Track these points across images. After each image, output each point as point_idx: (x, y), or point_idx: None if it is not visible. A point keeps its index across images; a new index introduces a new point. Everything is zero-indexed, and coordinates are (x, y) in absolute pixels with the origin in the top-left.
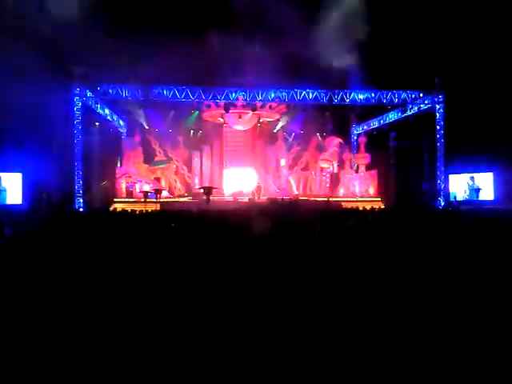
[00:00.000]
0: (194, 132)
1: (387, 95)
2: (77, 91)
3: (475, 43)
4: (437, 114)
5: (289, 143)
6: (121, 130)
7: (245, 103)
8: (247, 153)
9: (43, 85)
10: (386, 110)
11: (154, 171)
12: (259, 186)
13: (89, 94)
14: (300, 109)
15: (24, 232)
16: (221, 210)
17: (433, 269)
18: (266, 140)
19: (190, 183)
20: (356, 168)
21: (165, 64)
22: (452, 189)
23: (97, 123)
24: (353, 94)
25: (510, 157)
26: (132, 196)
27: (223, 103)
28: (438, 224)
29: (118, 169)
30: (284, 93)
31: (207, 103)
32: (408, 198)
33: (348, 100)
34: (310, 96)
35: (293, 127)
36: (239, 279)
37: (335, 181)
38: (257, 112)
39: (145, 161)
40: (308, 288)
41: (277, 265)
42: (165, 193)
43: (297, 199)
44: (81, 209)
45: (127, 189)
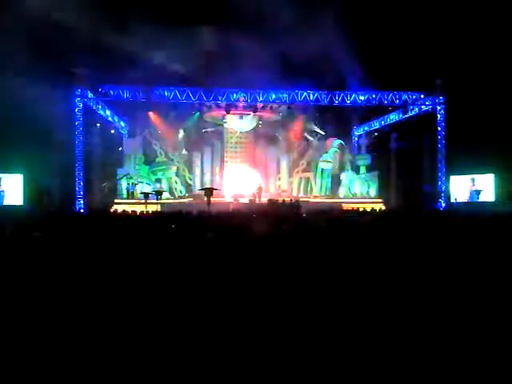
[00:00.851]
0: (195, 133)
1: (388, 96)
2: (78, 92)
3: (476, 44)
4: (438, 115)
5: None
6: (122, 131)
7: (246, 104)
8: (248, 154)
9: (44, 86)
10: (387, 111)
11: (155, 172)
12: (260, 188)
13: (90, 95)
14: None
15: (24, 233)
16: (221, 212)
17: (433, 270)
18: (267, 141)
19: (191, 184)
20: (357, 169)
21: (165, 64)
22: (453, 190)
23: (98, 124)
24: (354, 95)
25: (511, 158)
26: (133, 197)
27: (224, 104)
28: (439, 225)
29: (119, 170)
30: (285, 94)
31: (208, 104)
32: (409, 199)
33: (349, 101)
34: (311, 97)
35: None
36: (238, 280)
37: (336, 182)
38: (257, 113)
39: (146, 162)
40: (309, 289)
41: (276, 266)
42: (165, 194)
43: (297, 201)
44: (81, 210)
45: (128, 190)
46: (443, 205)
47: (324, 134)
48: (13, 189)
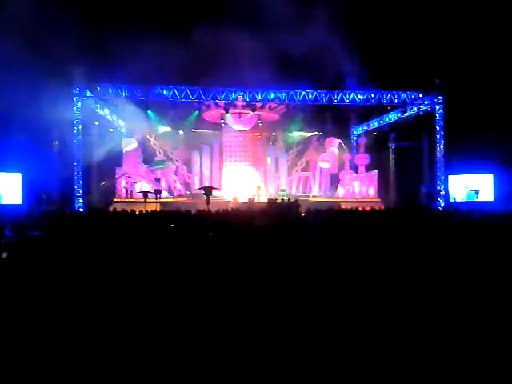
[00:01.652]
0: (194, 132)
1: (387, 96)
2: (76, 91)
3: (475, 44)
4: (436, 115)
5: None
6: (121, 130)
7: (244, 103)
8: (247, 153)
9: (43, 85)
10: (386, 111)
11: (154, 171)
12: (259, 187)
13: (88, 94)
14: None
15: (24, 233)
16: (220, 211)
17: (432, 268)
18: (266, 140)
19: (190, 183)
20: (356, 169)
21: (162, 63)
22: (451, 190)
23: (96, 123)
24: (352, 95)
25: (510, 158)
26: (132, 196)
27: (223, 103)
28: (438, 225)
29: (118, 169)
30: (284, 93)
31: (207, 103)
32: (408, 199)
33: (348, 100)
34: (310, 96)
35: None
36: (238, 278)
37: (335, 181)
38: (256, 112)
39: (144, 161)
40: (307, 288)
41: (275, 263)
42: (164, 193)
43: (296, 200)
44: (81, 209)
45: (127, 189)
46: (442, 204)
47: (323, 134)
48: (11, 188)
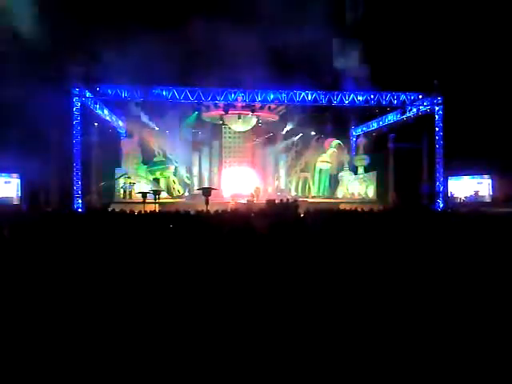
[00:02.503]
0: (193, 133)
1: (386, 97)
2: (76, 91)
3: (474, 45)
4: (436, 116)
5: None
6: (120, 131)
7: (244, 104)
8: (246, 154)
9: (42, 84)
10: (386, 112)
11: (153, 172)
12: (258, 188)
13: (88, 95)
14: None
15: (21, 233)
16: (219, 212)
17: (431, 269)
18: (265, 141)
19: (189, 184)
20: (355, 169)
21: (162, 64)
22: (450, 191)
23: (96, 123)
24: (352, 96)
25: (509, 159)
26: (131, 197)
27: (222, 104)
28: (437, 226)
29: (117, 170)
30: (283, 94)
31: (206, 104)
32: (407, 200)
33: (347, 101)
34: (309, 97)
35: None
36: (237, 279)
37: (334, 182)
38: (256, 113)
39: (144, 161)
40: (307, 288)
41: (274, 264)
42: (163, 194)
43: (296, 201)
44: (79, 210)
45: (125, 190)
46: (441, 205)
47: (322, 135)
48: (9, 188)
